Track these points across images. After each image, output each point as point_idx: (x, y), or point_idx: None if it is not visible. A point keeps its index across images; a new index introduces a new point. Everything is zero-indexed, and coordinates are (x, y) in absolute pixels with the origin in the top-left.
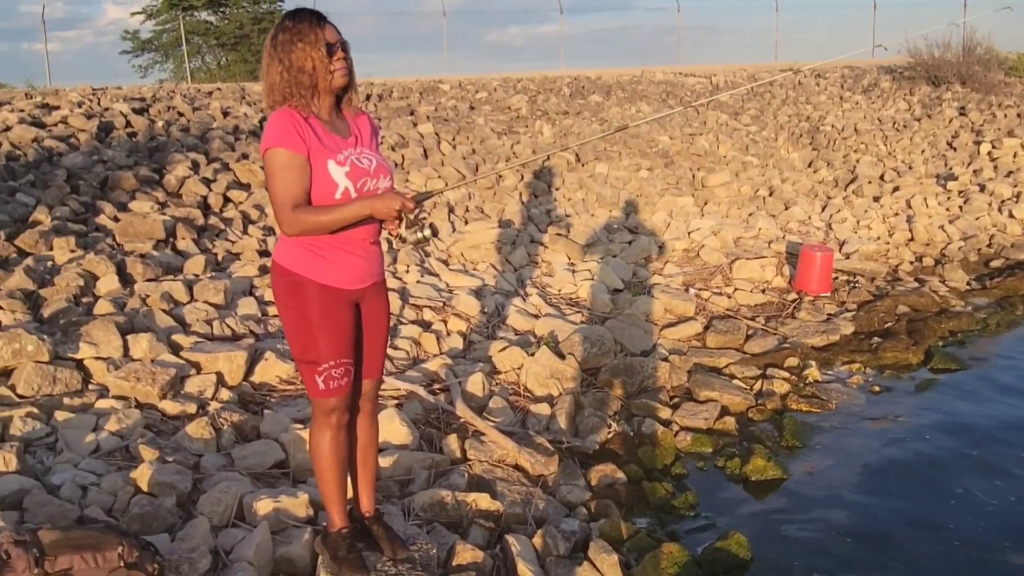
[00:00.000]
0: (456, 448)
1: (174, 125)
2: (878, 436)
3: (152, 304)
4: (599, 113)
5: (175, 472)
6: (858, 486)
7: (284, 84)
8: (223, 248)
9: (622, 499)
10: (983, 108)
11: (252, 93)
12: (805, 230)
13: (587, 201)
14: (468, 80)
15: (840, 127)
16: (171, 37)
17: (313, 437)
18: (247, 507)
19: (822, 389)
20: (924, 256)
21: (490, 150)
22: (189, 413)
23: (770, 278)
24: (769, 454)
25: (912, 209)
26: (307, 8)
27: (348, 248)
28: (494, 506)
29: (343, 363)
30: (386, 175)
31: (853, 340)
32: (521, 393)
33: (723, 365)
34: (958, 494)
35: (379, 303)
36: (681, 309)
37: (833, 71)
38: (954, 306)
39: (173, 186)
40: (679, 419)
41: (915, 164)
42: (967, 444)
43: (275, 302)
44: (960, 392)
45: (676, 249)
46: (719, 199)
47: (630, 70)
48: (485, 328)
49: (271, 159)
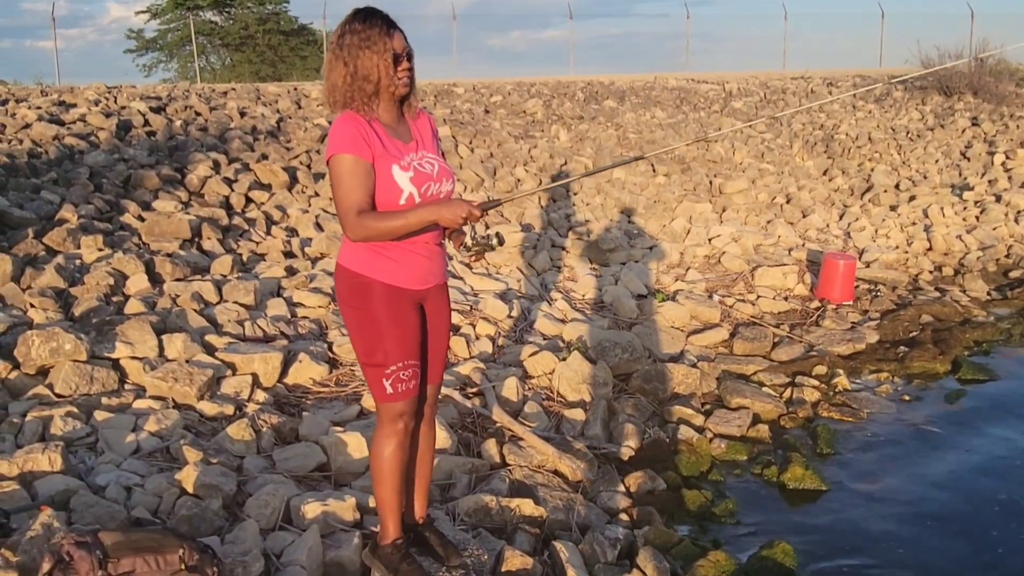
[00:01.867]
0: (495, 453)
1: (192, 124)
2: (913, 445)
3: (183, 304)
4: (614, 118)
5: (220, 474)
6: (899, 495)
7: (346, 87)
8: (247, 249)
9: (662, 506)
10: (995, 119)
11: (267, 94)
12: (824, 238)
13: (605, 206)
14: (482, 83)
15: (854, 136)
16: (176, 36)
17: (377, 443)
18: (294, 510)
19: (852, 398)
20: (943, 266)
21: (508, 154)
22: (227, 414)
23: (792, 286)
24: (806, 462)
25: (929, 219)
26: (379, 11)
27: (413, 248)
28: (537, 512)
29: (411, 365)
30: (449, 179)
31: (879, 349)
32: (554, 398)
33: (751, 372)
34: (1001, 500)
35: (442, 305)
36: (707, 316)
37: (845, 80)
38: (976, 316)
39: (195, 186)
40: (712, 426)
41: (930, 174)
42: (1005, 454)
43: (339, 304)
44: (991, 402)
45: (697, 255)
46: (737, 206)
47: (643, 76)
48: (513, 332)
49: (337, 165)
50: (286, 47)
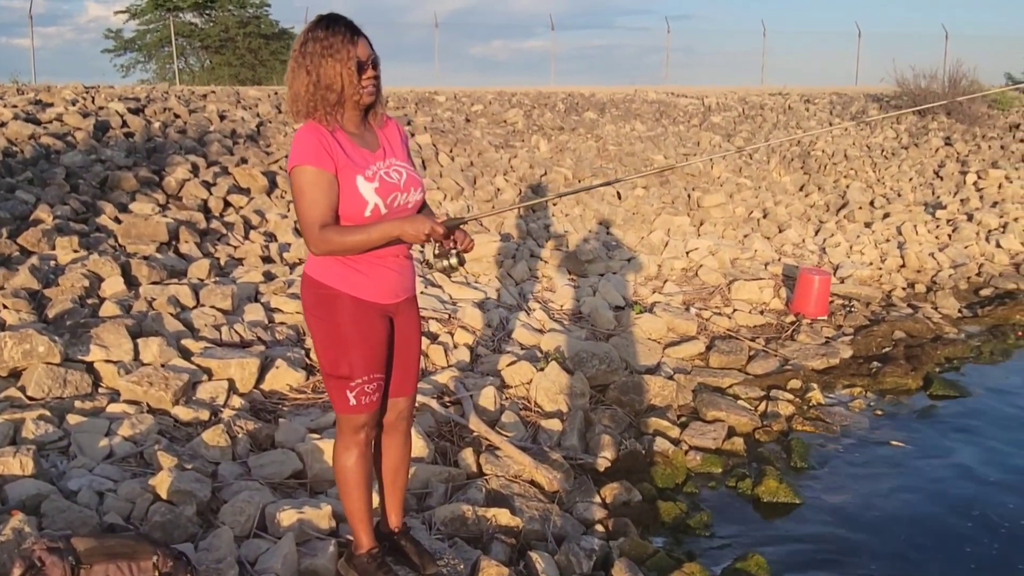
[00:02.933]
0: (472, 462)
1: (171, 126)
2: (886, 460)
3: (159, 308)
4: (594, 130)
5: (194, 480)
6: (871, 509)
7: (309, 97)
8: (225, 253)
9: (637, 517)
10: (968, 139)
11: (247, 97)
12: (800, 253)
13: (584, 217)
14: (463, 92)
15: (830, 152)
16: (155, 37)
17: (339, 455)
18: (269, 518)
19: (826, 412)
20: (916, 283)
21: (488, 163)
22: (202, 420)
23: (768, 300)
24: (780, 475)
25: (903, 236)
26: (343, 18)
27: (383, 262)
28: (514, 522)
29: (376, 378)
30: (417, 187)
31: (852, 364)
32: (532, 408)
33: (727, 385)
34: (974, 516)
35: (412, 318)
36: (683, 328)
37: (822, 97)
38: (948, 333)
39: (173, 188)
40: (688, 438)
41: (903, 191)
42: (976, 469)
43: (305, 314)
44: (961, 418)
45: (675, 268)
46: (715, 219)
47: (623, 88)
48: (491, 341)
49: (298, 177)
50: (266, 51)
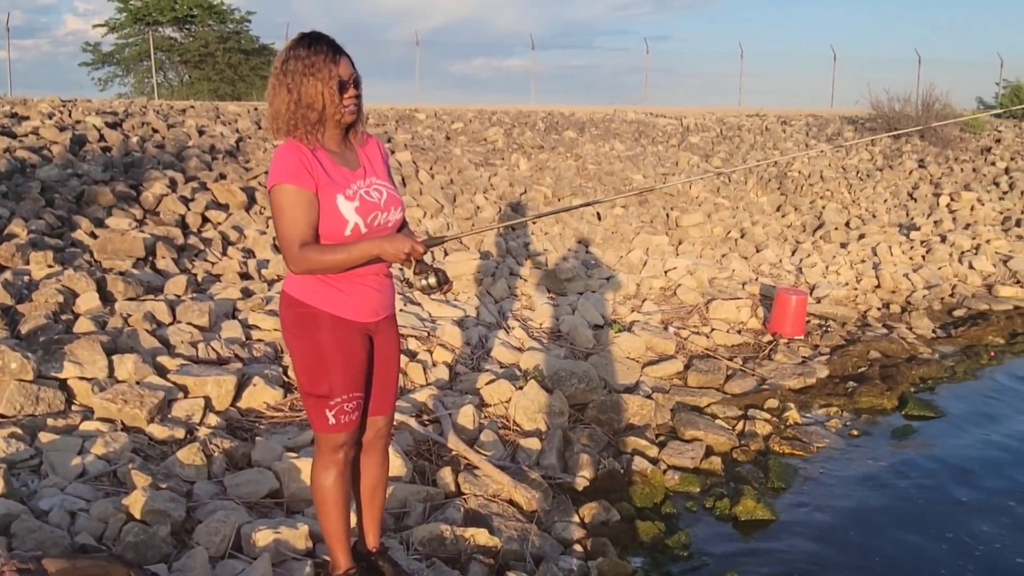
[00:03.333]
0: (450, 481)
1: (149, 141)
2: (861, 480)
3: (135, 324)
4: (574, 149)
5: (169, 499)
6: (847, 529)
7: (290, 115)
8: (203, 269)
9: (615, 537)
10: (941, 162)
11: (226, 113)
12: (777, 273)
13: (564, 236)
14: (444, 110)
15: (807, 174)
16: (134, 51)
17: (317, 475)
18: (245, 538)
19: (803, 432)
20: (891, 303)
21: (468, 181)
22: (177, 438)
23: (745, 319)
24: (757, 495)
25: (878, 257)
26: (324, 37)
27: (363, 280)
28: (492, 542)
29: (355, 397)
30: (397, 207)
31: (829, 383)
32: (510, 427)
33: (705, 405)
34: (948, 538)
35: (392, 337)
36: (662, 347)
37: (798, 119)
38: (922, 353)
39: (151, 203)
40: (666, 457)
41: (878, 213)
42: (950, 489)
43: (284, 332)
44: (935, 438)
45: (653, 287)
46: (693, 239)
47: (602, 108)
48: (470, 360)
49: (278, 195)
50: (246, 66)
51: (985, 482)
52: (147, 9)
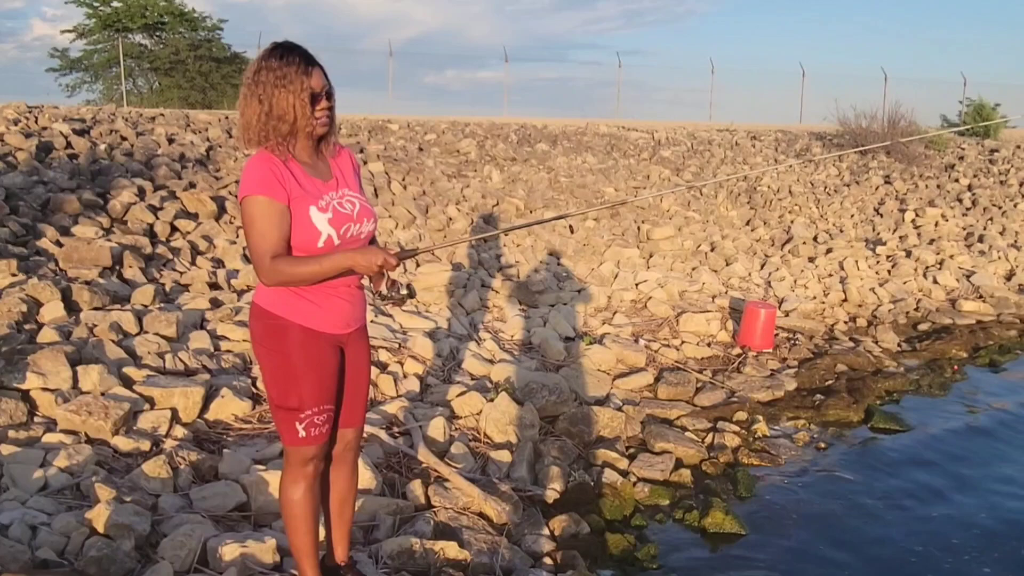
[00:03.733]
0: (420, 494)
1: (117, 149)
2: (829, 492)
3: (100, 334)
4: (546, 161)
5: (133, 513)
6: (814, 541)
7: (260, 126)
8: (171, 278)
9: (585, 550)
10: (906, 178)
11: (197, 121)
12: (746, 286)
13: (535, 248)
14: (417, 121)
15: (776, 188)
16: (103, 58)
17: (286, 488)
18: (211, 552)
19: (771, 444)
20: (857, 317)
21: (440, 192)
22: (143, 450)
23: (715, 332)
24: (726, 507)
25: (845, 271)
26: (297, 47)
27: (335, 292)
28: (462, 555)
29: (326, 410)
30: (370, 218)
31: (797, 396)
32: (481, 439)
33: (675, 417)
34: (916, 551)
35: (363, 349)
36: (632, 360)
37: (768, 134)
38: (888, 366)
39: (118, 212)
40: (636, 470)
41: (845, 228)
42: (915, 501)
43: (254, 344)
44: (901, 451)
45: (624, 300)
46: (664, 252)
47: (575, 121)
48: (441, 371)
49: (249, 207)
50: (217, 74)
51: (950, 495)
52: (117, 15)
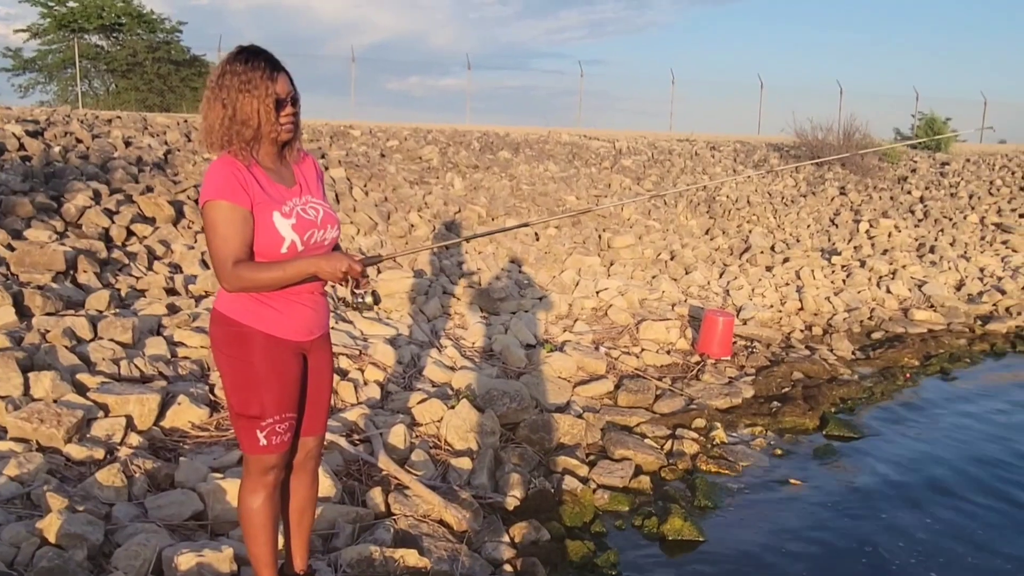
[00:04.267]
0: (380, 502)
1: (72, 151)
2: (785, 499)
3: (53, 340)
4: (508, 169)
5: (86, 523)
6: (770, 546)
7: (224, 131)
8: (127, 284)
9: (545, 557)
10: (861, 189)
11: (155, 124)
12: (705, 295)
13: (497, 255)
14: (379, 127)
15: (734, 198)
16: (57, 58)
17: (245, 497)
18: (166, 562)
19: (729, 451)
20: (813, 325)
21: (402, 199)
22: (96, 458)
23: (674, 340)
24: (685, 514)
25: (801, 280)
26: (263, 52)
27: (298, 299)
28: (422, 563)
29: (288, 418)
30: (333, 225)
31: (754, 403)
32: (442, 446)
33: (634, 424)
34: (867, 552)
35: (325, 357)
36: (593, 367)
37: (727, 145)
38: (842, 374)
39: (72, 215)
40: (596, 477)
41: (802, 237)
42: (867, 506)
43: (214, 351)
44: (854, 457)
45: (585, 307)
46: (625, 260)
47: (537, 129)
48: (402, 378)
49: (211, 212)
50: (176, 77)
51: (901, 499)
52: (72, 15)
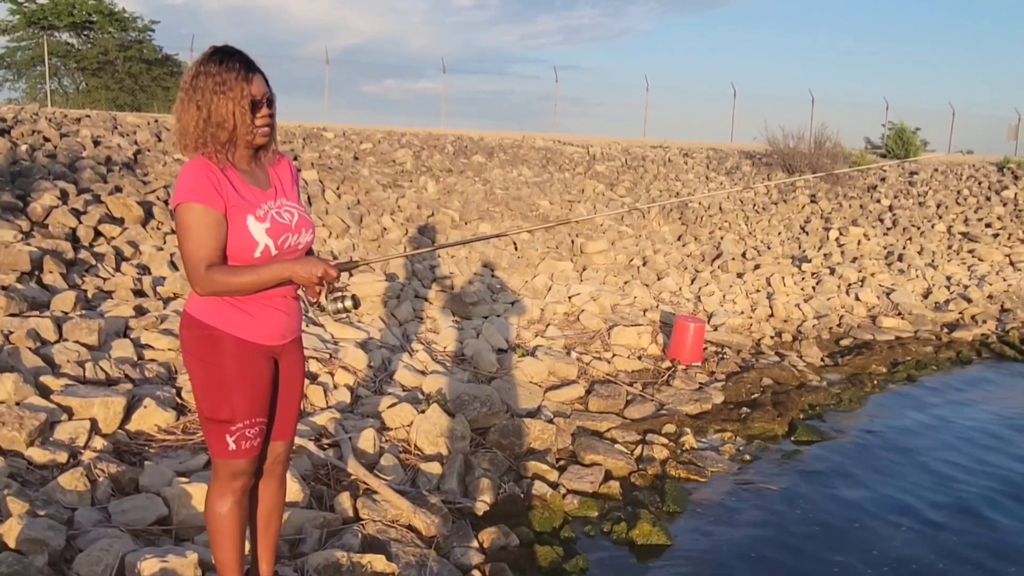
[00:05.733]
0: (348, 507)
1: (39, 150)
2: (753, 504)
3: (17, 341)
4: (482, 173)
5: (47, 527)
6: (737, 553)
7: (198, 133)
8: (94, 285)
9: (514, 562)
10: (831, 197)
11: (125, 124)
12: (676, 301)
13: (470, 260)
14: (352, 130)
15: (706, 205)
16: (26, 56)
17: (213, 502)
18: (129, 567)
19: (698, 456)
20: (783, 332)
21: (375, 202)
22: (59, 462)
23: (646, 345)
24: (654, 519)
25: (771, 287)
26: (238, 52)
27: (271, 303)
28: (389, 568)
29: (258, 423)
30: (308, 228)
31: (724, 409)
32: (411, 451)
33: (605, 429)
34: (836, 560)
35: (297, 361)
36: (564, 372)
37: (699, 152)
38: (811, 380)
39: (39, 215)
40: (566, 482)
41: (773, 244)
42: (835, 511)
43: (184, 354)
44: (822, 463)
45: (557, 312)
46: (597, 265)
47: (511, 133)
48: (372, 382)
49: (184, 214)
50: (148, 76)
51: (869, 505)
52: (42, 12)
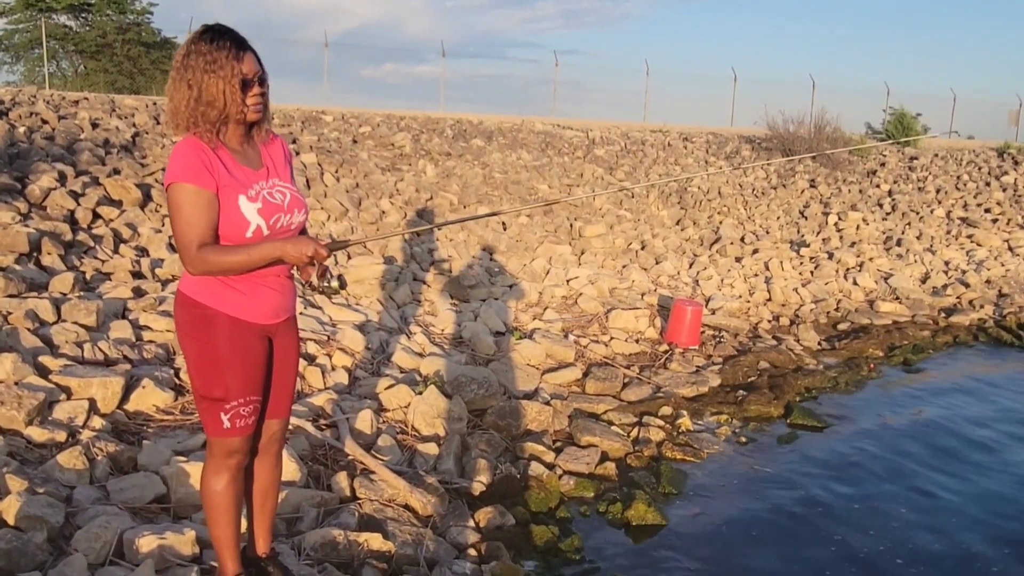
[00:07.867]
0: (345, 486)
1: (37, 132)
2: (748, 486)
3: (15, 322)
4: (481, 157)
5: (46, 504)
6: (732, 534)
7: (189, 112)
8: (92, 267)
9: (510, 541)
10: (830, 182)
11: (123, 106)
12: (674, 284)
13: (468, 243)
14: (351, 113)
15: (705, 190)
16: (24, 38)
17: (208, 480)
18: (128, 544)
19: (694, 438)
20: (781, 316)
21: (374, 185)
22: (58, 441)
23: (643, 329)
24: (649, 500)
25: (770, 271)
26: (229, 31)
27: (264, 282)
28: (386, 547)
29: (252, 401)
30: (301, 209)
31: (720, 392)
32: (408, 432)
33: (601, 411)
34: (833, 540)
35: (291, 339)
36: (561, 355)
37: (699, 136)
38: (808, 364)
39: (37, 197)
40: (562, 463)
41: (771, 229)
42: (829, 494)
43: (179, 334)
44: (817, 446)
45: (555, 296)
46: (595, 249)
47: (511, 117)
48: (370, 364)
49: (175, 194)
50: (146, 59)
51: (863, 487)
52: None
